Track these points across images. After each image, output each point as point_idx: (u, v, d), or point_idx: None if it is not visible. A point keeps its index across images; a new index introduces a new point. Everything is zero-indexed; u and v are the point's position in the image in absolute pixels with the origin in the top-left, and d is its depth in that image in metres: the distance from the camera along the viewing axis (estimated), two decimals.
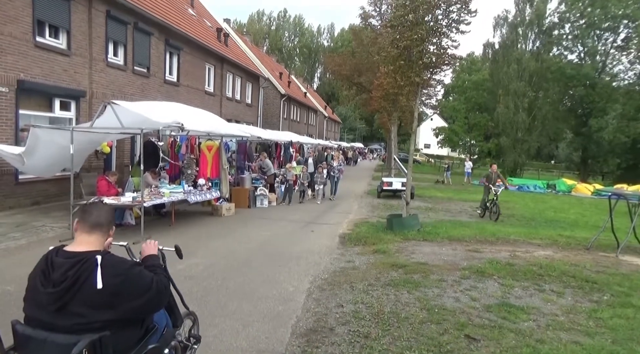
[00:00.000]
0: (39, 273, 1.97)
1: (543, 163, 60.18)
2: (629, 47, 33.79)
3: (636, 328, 4.47)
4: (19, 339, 1.96)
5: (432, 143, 53.63)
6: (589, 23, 33.69)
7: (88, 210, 2.13)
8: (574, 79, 33.23)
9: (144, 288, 2.05)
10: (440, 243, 8.26)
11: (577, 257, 7.58)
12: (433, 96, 33.74)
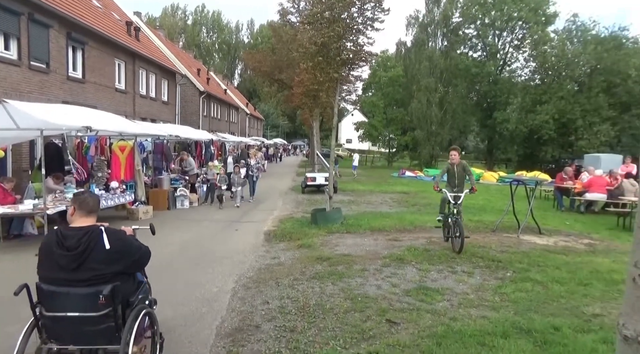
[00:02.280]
0: (54, 244, 2.69)
1: None
2: (524, 46, 37.28)
3: (534, 299, 4.97)
4: (44, 295, 2.68)
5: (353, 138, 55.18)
6: (489, 23, 36.58)
7: (85, 200, 2.88)
8: (479, 76, 35.91)
9: (137, 247, 3.01)
10: (362, 235, 8.54)
11: (485, 239, 8.25)
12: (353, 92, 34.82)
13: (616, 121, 30.07)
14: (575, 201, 13.22)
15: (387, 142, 39.53)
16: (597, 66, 30.84)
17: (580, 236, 9.05)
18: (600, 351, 3.67)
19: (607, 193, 12.43)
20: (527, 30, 35.50)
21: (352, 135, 54.42)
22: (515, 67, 39.40)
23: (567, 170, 14.42)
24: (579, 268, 6.18)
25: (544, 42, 33.50)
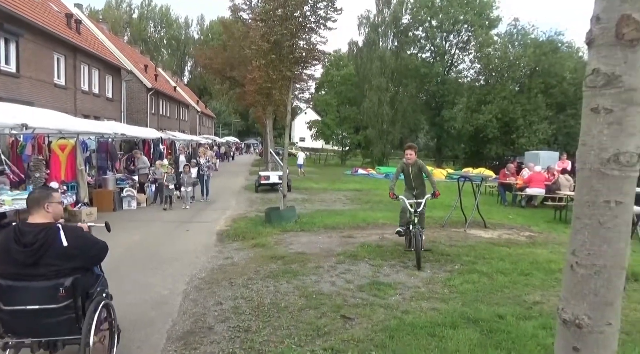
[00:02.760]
0: (11, 240, 2.77)
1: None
2: (470, 48, 38.88)
3: (480, 290, 5.20)
4: (2, 290, 2.75)
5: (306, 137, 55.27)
6: (437, 26, 37.82)
7: (30, 196, 3.01)
8: (428, 76, 37.08)
9: (94, 242, 3.13)
10: (316, 232, 8.57)
11: (435, 234, 8.52)
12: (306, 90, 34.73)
13: (553, 120, 32.02)
14: (517, 196, 13.95)
15: (340, 140, 39.93)
16: (536, 68, 32.70)
17: (522, 229, 9.56)
18: (540, 336, 3.89)
19: (545, 188, 13.20)
20: (472, 33, 37.01)
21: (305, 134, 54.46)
22: (462, 68, 41.04)
23: (509, 166, 15.17)
24: (521, 260, 6.53)
25: (487, 45, 35.06)
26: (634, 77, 1.72)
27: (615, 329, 1.85)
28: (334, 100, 39.69)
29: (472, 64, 39.07)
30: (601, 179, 1.78)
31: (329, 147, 46.50)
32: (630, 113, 1.73)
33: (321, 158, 43.68)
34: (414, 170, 6.85)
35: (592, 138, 1.78)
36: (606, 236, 1.78)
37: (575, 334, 1.84)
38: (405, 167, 6.91)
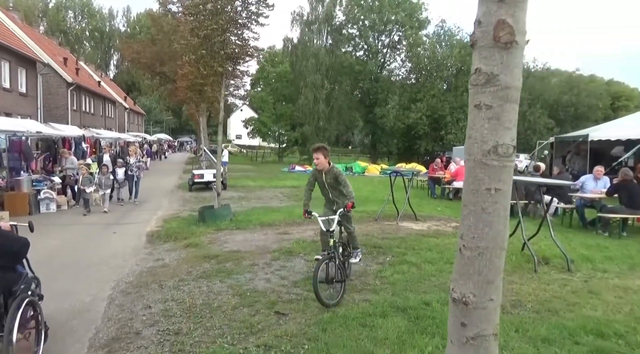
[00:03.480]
0: None
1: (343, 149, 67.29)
2: (401, 47, 40.27)
3: (409, 280, 5.43)
4: None
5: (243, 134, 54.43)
6: (369, 25, 38.75)
7: None
8: (362, 74, 37.92)
9: (15, 239, 3.27)
10: (252, 230, 8.49)
11: (368, 228, 8.77)
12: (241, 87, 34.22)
13: None
14: (446, 190, 14.70)
15: (277, 137, 39.74)
16: (462, 68, 34.58)
17: (449, 220, 10.09)
18: None
19: None
20: (403, 33, 38.36)
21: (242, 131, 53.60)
22: (394, 67, 42.41)
23: (437, 161, 15.96)
24: (447, 249, 6.88)
25: (417, 45, 36.54)
26: (509, 77, 1.89)
27: (497, 304, 2.06)
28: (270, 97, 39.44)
29: (403, 63, 40.59)
30: (483, 169, 1.95)
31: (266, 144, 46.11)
32: (506, 109, 1.91)
33: (258, 156, 43.26)
34: (329, 178, 5.26)
35: (476, 132, 1.96)
36: (487, 220, 1.95)
37: (462, 311, 2.03)
38: (318, 175, 5.34)
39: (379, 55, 40.30)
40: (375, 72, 38.75)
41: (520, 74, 1.95)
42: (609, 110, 43.65)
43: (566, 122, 38.91)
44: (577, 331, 3.91)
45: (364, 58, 39.51)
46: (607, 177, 10.17)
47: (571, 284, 5.29)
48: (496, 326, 2.08)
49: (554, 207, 10.52)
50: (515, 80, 1.91)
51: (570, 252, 6.79)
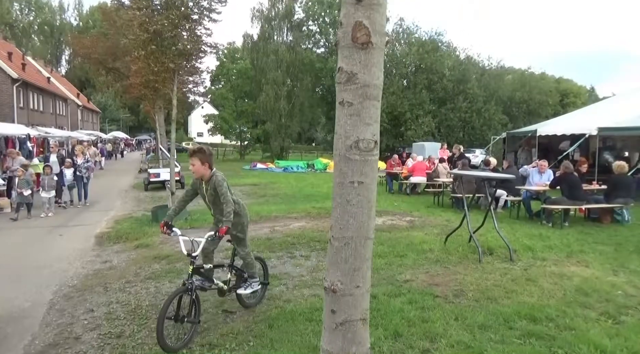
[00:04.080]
0: None
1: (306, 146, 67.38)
2: None
3: None
4: None
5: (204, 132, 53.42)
6: (330, 22, 38.89)
7: None
8: (323, 70, 38.00)
9: None
10: (206, 229, 8.35)
11: (324, 224, 8.84)
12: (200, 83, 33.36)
13: (436, 114, 34.95)
14: (403, 185, 15.01)
15: (239, 134, 39.27)
16: (421, 65, 35.34)
17: (404, 214, 10.32)
18: (406, 310, 4.27)
19: (426, 176, 14.39)
20: None
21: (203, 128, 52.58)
22: None
23: (394, 157, 16.26)
24: (398, 243, 7.06)
25: None
26: (367, 75, 2.00)
27: (364, 291, 2.21)
28: (231, 94, 38.88)
29: None
30: (347, 163, 2.05)
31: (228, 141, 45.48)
32: (366, 106, 2.02)
33: (219, 153, 42.62)
34: (209, 189, 4.20)
35: (340, 128, 2.07)
36: (352, 212, 2.07)
37: (332, 298, 2.16)
38: (198, 185, 4.31)
39: None
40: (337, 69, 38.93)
41: (379, 73, 2.05)
42: (558, 106, 45.80)
43: (519, 117, 40.53)
44: (512, 316, 4.11)
45: (325, 55, 39.62)
46: (550, 170, 10.70)
47: (512, 272, 5.55)
48: (364, 311, 2.18)
49: (504, 200, 10.97)
50: (374, 79, 2.01)
51: (514, 242, 7.11)
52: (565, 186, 9.24)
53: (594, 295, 4.74)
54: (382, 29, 2.00)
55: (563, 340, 3.64)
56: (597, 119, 16.13)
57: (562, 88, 51.64)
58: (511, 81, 42.17)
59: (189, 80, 18.36)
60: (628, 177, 9.81)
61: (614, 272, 5.64)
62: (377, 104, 2.09)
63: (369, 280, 2.22)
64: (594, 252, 6.65)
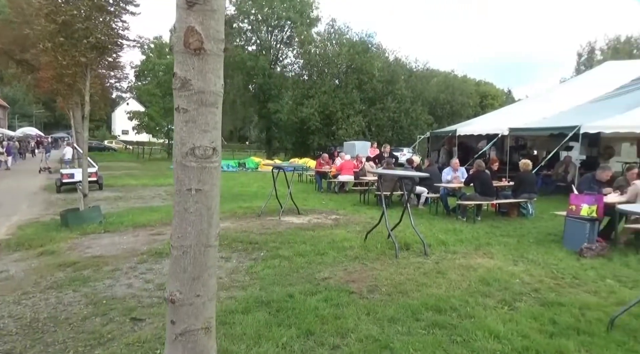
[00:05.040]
0: None
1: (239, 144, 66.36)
2: (293, 44, 40.71)
3: (279, 274, 5.51)
4: None
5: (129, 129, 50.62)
6: (262, 19, 38.54)
7: None
8: (255, 69, 37.59)
9: None
10: (122, 233, 7.94)
11: (249, 224, 8.74)
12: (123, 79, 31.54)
13: (366, 113, 35.87)
14: (332, 184, 15.23)
15: (167, 132, 37.66)
16: (352, 66, 36.06)
17: (331, 213, 10.48)
18: (321, 308, 4.32)
19: (354, 174, 14.71)
20: (294, 29, 38.79)
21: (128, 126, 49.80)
22: (287, 63, 42.78)
23: (324, 156, 16.44)
24: (320, 241, 7.14)
25: (309, 42, 37.23)
26: (202, 82, 1.97)
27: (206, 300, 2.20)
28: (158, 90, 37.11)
29: (295, 60, 41.11)
30: (184, 170, 2.05)
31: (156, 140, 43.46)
32: (202, 113, 2.00)
33: (146, 152, 40.69)
34: None
35: (177, 135, 2.04)
36: (190, 220, 2.07)
37: (172, 309, 2.10)
38: None
39: (271, 51, 40.30)
40: (268, 67, 38.68)
41: (217, 80, 2.03)
42: (478, 107, 48.92)
43: (443, 118, 42.80)
44: (420, 308, 4.31)
45: (257, 53, 39.21)
46: (463, 168, 11.40)
47: (424, 266, 5.82)
48: (207, 320, 2.15)
49: (424, 197, 11.50)
50: (211, 86, 1.99)
51: (431, 237, 7.49)
52: (478, 183, 9.87)
53: (494, 284, 5.10)
54: (217, 35, 1.97)
55: (463, 328, 3.87)
56: (510, 120, 17.41)
57: (481, 91, 55.20)
58: (436, 83, 44.39)
59: (110, 75, 17.32)
60: (532, 174, 10.68)
61: (514, 262, 6.12)
62: (216, 111, 2.07)
63: (213, 288, 2.18)
64: (499, 244, 7.18)
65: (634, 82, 17.33)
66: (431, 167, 12.28)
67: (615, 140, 18.93)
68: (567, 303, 4.50)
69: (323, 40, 38.11)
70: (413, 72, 41.52)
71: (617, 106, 14.31)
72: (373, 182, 13.20)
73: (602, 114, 13.74)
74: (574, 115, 15.13)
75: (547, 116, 16.15)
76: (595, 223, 6.88)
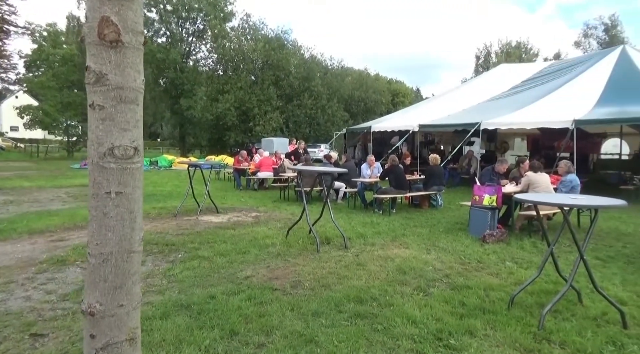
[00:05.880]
0: None
1: (150, 141, 62.85)
2: (206, 38, 39.35)
3: (199, 275, 5.31)
4: None
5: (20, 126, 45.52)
6: (172, 10, 36.69)
7: None
8: (165, 62, 35.72)
9: None
10: (16, 240, 7.12)
11: (164, 225, 8.31)
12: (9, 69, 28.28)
13: (284, 110, 35.90)
14: (251, 181, 15.03)
15: (65, 129, 34.47)
16: (268, 62, 35.83)
17: (251, 210, 10.33)
18: (244, 307, 4.24)
19: (273, 171, 14.65)
20: (207, 23, 37.54)
21: (18, 122, 44.72)
22: (200, 57, 41.26)
23: (242, 153, 16.19)
24: (242, 239, 7.01)
25: (223, 36, 36.26)
26: (120, 76, 1.85)
27: (130, 309, 2.10)
28: (54, 83, 33.78)
29: (209, 54, 39.81)
30: (101, 172, 1.91)
31: (54, 137, 39.61)
32: (121, 110, 1.88)
33: (41, 151, 36.94)
34: None
35: (92, 134, 1.90)
36: (110, 225, 1.93)
37: (91, 322, 1.97)
38: None
39: (183, 44, 38.61)
40: (180, 61, 37.02)
41: (137, 75, 1.93)
42: (390, 105, 51.28)
43: (358, 114, 44.25)
44: (342, 300, 4.41)
45: (168, 46, 37.32)
46: (378, 163, 11.90)
47: (345, 259, 5.97)
48: (132, 330, 2.06)
49: (343, 192, 11.81)
50: (130, 81, 1.88)
51: (350, 231, 7.70)
52: (392, 177, 10.36)
53: (410, 272, 5.39)
54: (136, 27, 1.84)
55: (383, 316, 4.04)
56: (419, 117, 18.48)
57: (393, 89, 57.90)
58: (351, 81, 45.72)
59: None
60: (440, 167, 11.44)
61: (427, 251, 6.52)
62: (136, 108, 1.94)
63: (137, 296, 2.05)
64: (413, 234, 7.59)
65: (524, 83, 19.33)
66: (348, 163, 12.64)
67: (509, 135, 20.97)
68: (473, 286, 4.89)
69: (238, 35, 37.39)
70: (329, 69, 42.37)
71: (510, 105, 15.85)
72: (293, 178, 13.26)
73: (498, 112, 15.12)
74: (474, 112, 16.47)
75: (452, 113, 17.41)
76: (496, 211, 7.56)
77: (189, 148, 40.92)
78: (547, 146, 18.51)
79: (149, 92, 34.89)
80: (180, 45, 38.01)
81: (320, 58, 41.85)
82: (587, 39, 52.67)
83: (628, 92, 13.48)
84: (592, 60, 18.32)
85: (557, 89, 15.92)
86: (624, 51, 17.36)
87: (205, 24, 38.11)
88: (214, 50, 37.56)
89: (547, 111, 13.95)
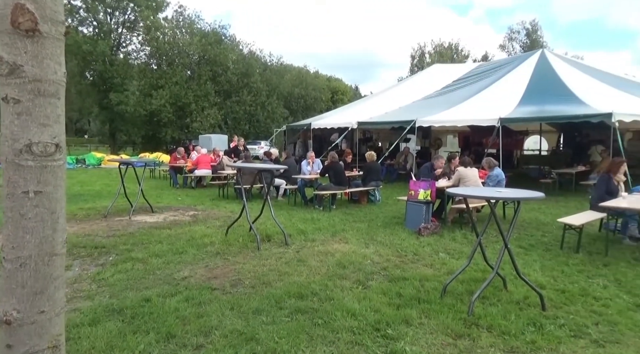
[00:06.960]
0: None
1: (77, 138, 59.02)
2: (138, 29, 37.51)
3: (132, 278, 5.07)
4: None
5: None
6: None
7: None
8: (92, 54, 33.63)
9: None
10: None
11: (93, 226, 7.84)
12: None
13: (222, 106, 35.09)
14: (188, 178, 14.57)
15: None
16: (204, 56, 34.80)
17: (188, 209, 10.02)
18: (181, 309, 4.11)
19: (211, 168, 14.30)
20: (139, 13, 35.81)
21: None
22: (132, 50, 39.29)
23: (180, 150, 15.65)
24: (179, 239, 6.78)
25: (156, 28, 34.74)
26: (37, 68, 1.73)
27: (52, 315, 1.97)
28: None
29: (141, 47, 38.00)
30: (17, 170, 1.78)
31: None
32: (39, 104, 1.76)
33: None
34: None
35: (6, 129, 1.78)
36: (29, 227, 1.81)
37: (7, 331, 1.83)
38: None
39: (112, 35, 36.54)
40: (108, 53, 35.00)
41: (57, 67, 1.82)
42: (329, 102, 51.84)
43: (298, 111, 44.34)
44: (283, 297, 4.41)
45: (95, 36, 35.15)
46: (318, 159, 12.02)
47: (286, 256, 5.97)
48: (55, 337, 1.94)
49: (283, 189, 11.78)
50: (49, 74, 1.77)
51: (291, 227, 7.70)
52: (332, 174, 10.49)
53: (350, 266, 5.49)
54: (56, 16, 1.71)
55: (323, 311, 4.08)
56: (358, 114, 18.84)
57: (332, 86, 58.54)
58: (291, 78, 45.66)
59: None
60: (377, 163, 11.75)
61: (366, 245, 6.68)
62: (57, 102, 1.82)
63: (61, 301, 1.91)
64: (353, 229, 7.75)
65: (455, 83, 20.35)
66: (289, 160, 12.63)
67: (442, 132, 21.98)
68: (409, 277, 5.08)
69: (172, 27, 36.01)
70: (268, 66, 42.01)
71: (443, 103, 16.62)
72: (232, 176, 13.02)
73: (432, 110, 15.80)
74: (410, 110, 17.09)
75: (389, 111, 17.94)
76: (430, 205, 7.90)
77: (120, 145, 38.90)
78: (477, 142, 19.65)
79: (74, 86, 32.77)
80: (109, 36, 35.96)
81: (260, 54, 41.42)
82: (511, 42, 56.53)
83: (546, 93, 14.64)
84: (515, 62, 19.67)
85: (484, 89, 16.93)
86: (543, 55, 18.80)
87: (136, 15, 36.32)
88: (146, 43, 35.89)
89: (476, 109, 14.79)
